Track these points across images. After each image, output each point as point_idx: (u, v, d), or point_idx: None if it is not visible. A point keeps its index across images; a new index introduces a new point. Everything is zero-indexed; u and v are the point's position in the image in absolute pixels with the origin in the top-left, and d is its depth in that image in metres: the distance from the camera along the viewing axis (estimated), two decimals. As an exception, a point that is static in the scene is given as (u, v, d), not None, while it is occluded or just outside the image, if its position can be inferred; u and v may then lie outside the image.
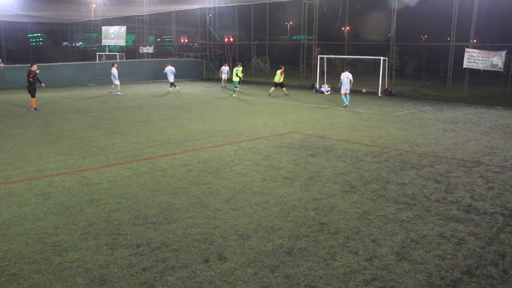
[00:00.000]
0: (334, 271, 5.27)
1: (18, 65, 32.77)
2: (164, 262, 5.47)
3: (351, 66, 30.40)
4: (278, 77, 25.58)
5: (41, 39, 63.07)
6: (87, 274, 5.18)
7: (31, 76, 18.75)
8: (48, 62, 35.74)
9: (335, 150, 11.77)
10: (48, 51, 51.20)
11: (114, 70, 26.28)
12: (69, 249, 5.82)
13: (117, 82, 26.37)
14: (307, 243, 6.02)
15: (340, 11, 32.83)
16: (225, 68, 31.11)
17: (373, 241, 6.12)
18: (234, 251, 5.76)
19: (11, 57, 41.78)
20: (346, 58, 30.63)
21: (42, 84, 19.22)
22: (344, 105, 20.82)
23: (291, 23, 53.01)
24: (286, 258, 5.59)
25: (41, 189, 8.27)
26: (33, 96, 18.97)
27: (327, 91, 27.91)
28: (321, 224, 6.71)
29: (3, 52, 43.65)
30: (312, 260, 5.54)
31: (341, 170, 9.77)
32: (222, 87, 30.17)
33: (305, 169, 9.80)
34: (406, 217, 7.05)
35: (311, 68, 33.80)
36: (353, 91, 27.52)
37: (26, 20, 45.83)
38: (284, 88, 26.10)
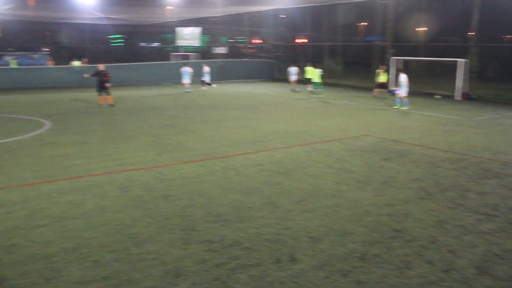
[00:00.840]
0: (408, 280, 5.13)
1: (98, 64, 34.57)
2: (236, 259, 5.57)
3: (427, 69, 29.33)
4: (382, 77, 24.54)
5: (120, 40, 66.08)
6: (162, 266, 5.38)
7: (108, 75, 19.86)
8: (126, 62, 37.40)
9: (410, 155, 11.41)
10: (126, 51, 53.64)
11: (188, 69, 27.56)
12: (146, 241, 6.08)
13: (186, 80, 27.74)
14: (380, 250, 5.90)
15: (416, 11, 31.78)
16: (292, 69, 30.31)
17: (450, 251, 5.88)
18: (306, 253, 5.76)
19: (94, 58, 44.16)
20: (422, 60, 29.58)
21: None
22: (396, 107, 20.47)
23: (364, 24, 52.00)
24: (359, 263, 5.51)
25: (121, 183, 8.69)
26: (108, 94, 20.02)
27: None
28: (395, 230, 6.54)
29: (87, 53, 46.20)
30: (385, 267, 5.42)
31: (416, 176, 9.46)
32: (292, 89, 29.79)
33: (378, 173, 9.60)
34: (488, 228, 6.70)
35: (385, 70, 32.93)
36: (425, 94, 26.58)
37: (107, 22, 48.21)
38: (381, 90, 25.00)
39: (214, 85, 29.05)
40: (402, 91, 20.23)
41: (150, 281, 5.03)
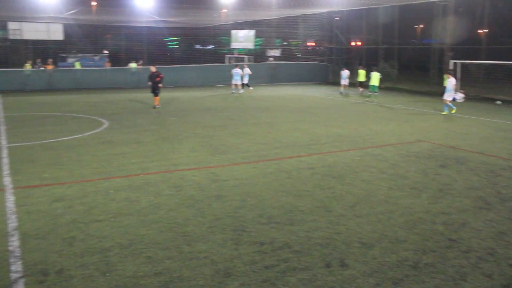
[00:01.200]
0: (464, 292, 4.94)
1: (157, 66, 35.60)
2: (286, 262, 5.56)
3: (487, 73, 28.13)
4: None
5: (176, 42, 67.61)
6: (213, 265, 5.45)
7: (160, 76, 20.36)
8: (182, 64, 38.23)
9: (467, 162, 11.00)
10: (181, 53, 54.82)
11: (239, 71, 27.96)
12: (198, 240, 6.18)
13: (237, 82, 28.06)
14: (434, 259, 5.71)
15: (478, 12, 30.55)
16: (344, 73, 29.46)
17: (511, 266, 5.61)
18: (357, 259, 5.67)
19: (151, 60, 45.45)
20: (483, 63, 28.41)
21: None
22: (445, 112, 19.65)
23: (421, 26, 50.61)
24: (411, 272, 5.37)
25: (174, 182, 8.88)
26: (157, 95, 20.59)
27: (460, 99, 26.13)
28: (451, 240, 6.32)
29: (144, 55, 47.61)
30: (439, 277, 5.25)
31: (474, 184, 9.10)
32: (341, 92, 28.72)
33: (434, 180, 9.31)
34: (552, 241, 6.36)
35: (442, 74, 31.91)
36: (485, 99, 25.52)
37: (163, 25, 49.47)
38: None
39: (251, 88, 29.02)
40: (447, 95, 19.53)
41: (200, 280, 5.11)
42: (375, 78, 24.88)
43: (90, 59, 41.65)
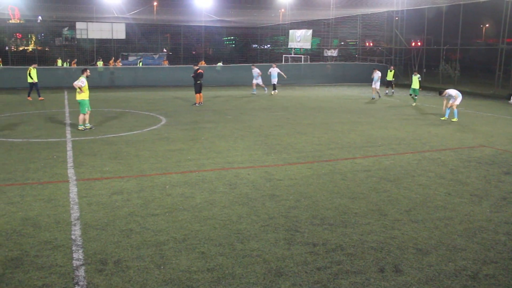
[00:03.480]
0: (528, 306, 4.70)
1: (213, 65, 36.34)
2: (339, 265, 5.50)
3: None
4: None
5: (233, 42, 68.39)
6: (265, 264, 5.47)
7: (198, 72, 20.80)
8: (239, 63, 38.65)
9: (534, 169, 10.44)
10: (239, 52, 55.43)
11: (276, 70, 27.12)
12: (250, 238, 6.22)
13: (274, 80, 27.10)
14: (496, 270, 5.46)
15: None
16: (376, 75, 26.26)
17: None
18: (412, 265, 5.52)
19: (208, 59, 46.30)
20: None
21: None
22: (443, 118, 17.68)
23: (487, 25, 48.53)
24: (469, 282, 5.16)
25: (229, 180, 8.99)
26: (199, 92, 21.02)
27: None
28: (514, 251, 6.02)
29: (202, 53, 48.55)
30: (501, 289, 5.02)
31: (541, 193, 8.62)
32: (373, 97, 26.15)
33: (496, 188, 8.90)
34: None
35: (509, 75, 30.42)
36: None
37: (221, 25, 50.21)
38: None
39: (274, 91, 27.10)
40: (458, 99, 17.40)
41: (252, 277, 5.14)
42: (415, 81, 23.26)
43: (150, 57, 42.94)
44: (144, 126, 14.96)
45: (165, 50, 48.51)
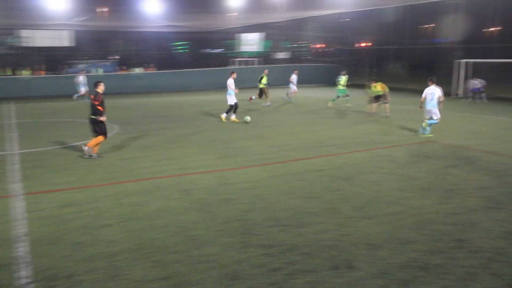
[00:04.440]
0: (474, 293, 4.90)
1: (166, 71, 35.94)
2: (294, 265, 5.56)
3: (499, 72, 27.79)
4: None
5: (185, 46, 67.90)
6: (221, 268, 5.47)
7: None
8: (190, 68, 38.41)
9: (478, 161, 10.91)
10: (190, 57, 55.08)
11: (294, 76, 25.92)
12: (206, 243, 6.20)
13: (294, 88, 25.71)
14: (444, 260, 5.68)
15: (490, 10, 30.28)
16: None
17: (521, 265, 5.56)
18: (365, 260, 5.65)
19: (160, 64, 45.74)
20: (494, 62, 28.13)
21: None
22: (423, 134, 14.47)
23: (431, 25, 50.28)
24: (420, 273, 5.34)
25: (183, 186, 8.93)
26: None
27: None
28: (460, 240, 6.27)
29: (153, 59, 47.90)
30: (448, 278, 5.21)
31: (485, 184, 9.02)
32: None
33: (444, 181, 9.25)
34: None
35: (452, 73, 31.66)
36: (497, 98, 25.25)
37: (172, 30, 49.72)
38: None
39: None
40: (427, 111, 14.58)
41: (209, 283, 5.13)
42: (344, 81, 23.31)
43: (104, 65, 41.99)
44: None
45: (117, 57, 47.56)
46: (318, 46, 47.46)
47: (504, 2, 30.18)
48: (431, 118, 14.24)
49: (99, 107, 11.19)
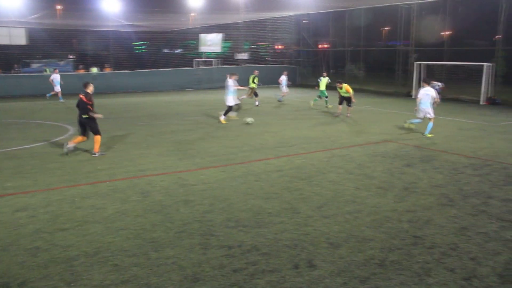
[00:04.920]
0: (428, 288, 5.06)
1: (124, 71, 35.31)
2: (254, 265, 5.57)
3: (451, 73, 28.80)
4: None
5: (143, 47, 66.99)
6: (181, 271, 5.42)
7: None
8: (150, 69, 37.96)
9: (432, 160, 11.26)
10: (149, 58, 54.37)
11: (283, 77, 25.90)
12: (165, 246, 6.13)
13: (284, 89, 25.80)
14: (400, 256, 5.83)
15: (441, 14, 31.38)
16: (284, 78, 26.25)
17: (472, 259, 5.77)
18: (324, 259, 5.73)
19: (118, 64, 44.94)
20: (446, 64, 29.15)
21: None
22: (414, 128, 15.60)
23: (386, 28, 51.53)
24: (378, 270, 5.46)
25: (142, 188, 8.79)
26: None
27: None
28: (415, 237, 6.46)
29: (111, 59, 46.97)
30: (404, 274, 5.35)
31: (438, 182, 9.33)
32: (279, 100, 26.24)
33: (399, 180, 9.49)
34: (511, 236, 6.56)
35: (407, 75, 32.63)
36: (449, 99, 26.16)
37: (130, 29, 48.91)
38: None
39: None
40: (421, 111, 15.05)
41: (168, 286, 5.07)
42: (324, 83, 23.74)
43: (55, 64, 40.84)
44: (51, 137, 14.21)
45: (72, 56, 46.42)
46: (277, 47, 47.79)
47: (455, 7, 31.34)
48: (419, 117, 15.08)
49: (90, 107, 11.39)
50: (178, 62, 51.79)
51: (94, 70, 33.51)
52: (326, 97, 23.39)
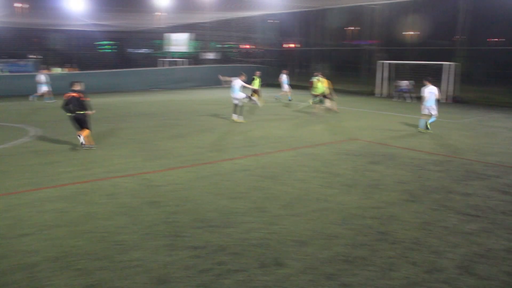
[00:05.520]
0: (392, 282, 5.17)
1: (89, 71, 34.66)
2: (221, 265, 5.57)
3: (415, 72, 29.46)
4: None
5: (108, 46, 65.94)
6: (147, 273, 5.37)
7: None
8: (115, 69, 37.34)
9: (396, 158, 11.51)
10: (115, 57, 53.50)
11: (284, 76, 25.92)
12: (131, 248, 6.06)
13: (286, 88, 25.97)
14: (365, 252, 5.94)
15: (404, 15, 32.09)
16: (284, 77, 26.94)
17: (433, 252, 5.94)
18: (291, 257, 5.78)
19: (83, 64, 44.06)
20: (409, 63, 29.82)
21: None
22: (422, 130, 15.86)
23: (352, 28, 52.28)
24: (344, 266, 5.55)
25: (107, 190, 8.66)
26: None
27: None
28: (380, 233, 6.59)
29: (75, 59, 46.03)
30: (369, 269, 5.46)
31: (402, 179, 9.54)
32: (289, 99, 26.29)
33: (364, 177, 9.66)
34: (470, 229, 6.78)
35: (372, 74, 33.21)
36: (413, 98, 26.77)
37: (95, 29, 48.02)
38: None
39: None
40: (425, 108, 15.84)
41: (135, 288, 5.03)
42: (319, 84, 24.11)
43: (14, 64, 39.65)
44: (11, 139, 13.81)
45: (34, 56, 45.20)
46: (246, 47, 47.85)
47: (418, 7, 32.08)
48: (430, 116, 15.65)
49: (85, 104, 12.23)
50: (144, 62, 51.17)
51: (58, 70, 32.66)
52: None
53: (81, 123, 12.31)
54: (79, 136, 12.32)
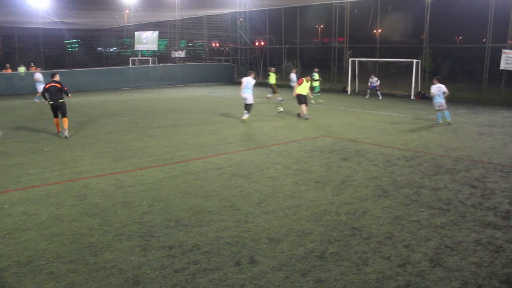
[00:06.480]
0: (366, 277, 5.22)
1: (55, 70, 33.87)
2: (196, 264, 5.52)
3: (383, 69, 29.95)
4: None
5: (76, 45, 64.70)
6: (120, 274, 5.28)
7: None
8: (83, 67, 36.66)
9: (367, 154, 11.65)
10: (83, 56, 52.53)
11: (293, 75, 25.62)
12: (104, 249, 5.95)
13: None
14: (339, 248, 5.98)
15: (372, 13, 32.55)
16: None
17: (406, 246, 6.03)
18: (265, 255, 5.77)
19: (49, 63, 43.08)
20: (378, 61, 30.27)
21: None
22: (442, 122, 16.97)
23: (321, 26, 52.77)
24: (318, 262, 5.57)
25: (77, 191, 8.48)
26: None
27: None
28: (353, 228, 6.65)
29: (41, 58, 44.96)
30: (343, 265, 5.50)
31: (373, 175, 9.66)
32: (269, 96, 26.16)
33: (336, 173, 9.74)
34: (440, 222, 6.92)
35: (342, 71, 33.58)
36: (382, 94, 27.18)
37: (62, 27, 47.00)
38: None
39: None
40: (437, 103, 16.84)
41: (107, 290, 4.93)
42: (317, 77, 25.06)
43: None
44: (-25, 141, 13.39)
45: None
46: (214, 45, 47.66)
47: (386, 6, 32.60)
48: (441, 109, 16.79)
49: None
50: (112, 61, 50.43)
51: (22, 69, 31.78)
52: (318, 92, 25.06)
53: (62, 111, 13.80)
54: (65, 130, 13.67)
